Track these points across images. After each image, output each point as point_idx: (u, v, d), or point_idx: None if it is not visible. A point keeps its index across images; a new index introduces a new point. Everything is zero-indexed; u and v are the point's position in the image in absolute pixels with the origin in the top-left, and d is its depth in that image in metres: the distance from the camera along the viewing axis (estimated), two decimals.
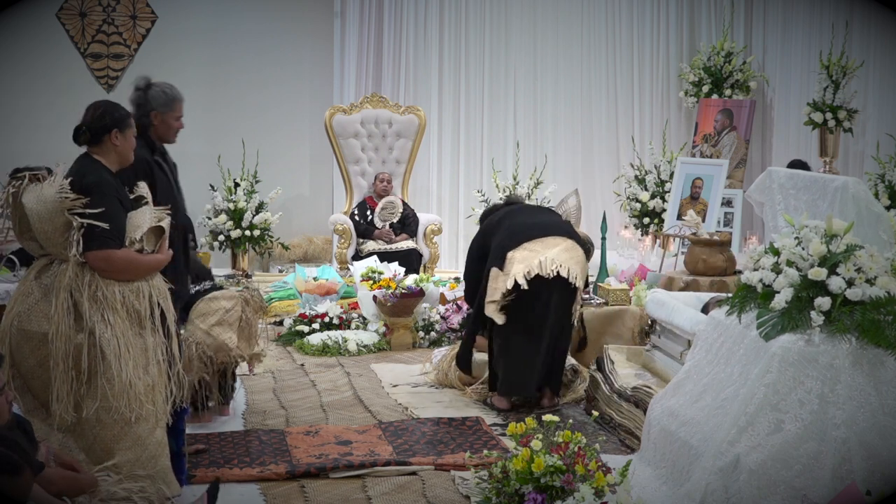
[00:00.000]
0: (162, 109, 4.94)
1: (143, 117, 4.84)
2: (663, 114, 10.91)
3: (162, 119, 4.94)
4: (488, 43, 10.88)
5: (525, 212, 6.36)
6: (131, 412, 4.06)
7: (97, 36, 10.64)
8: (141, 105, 4.87)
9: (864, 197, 4.66)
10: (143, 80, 4.95)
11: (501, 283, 5.82)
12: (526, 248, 5.89)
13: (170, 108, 4.97)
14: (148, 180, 4.65)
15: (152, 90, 4.91)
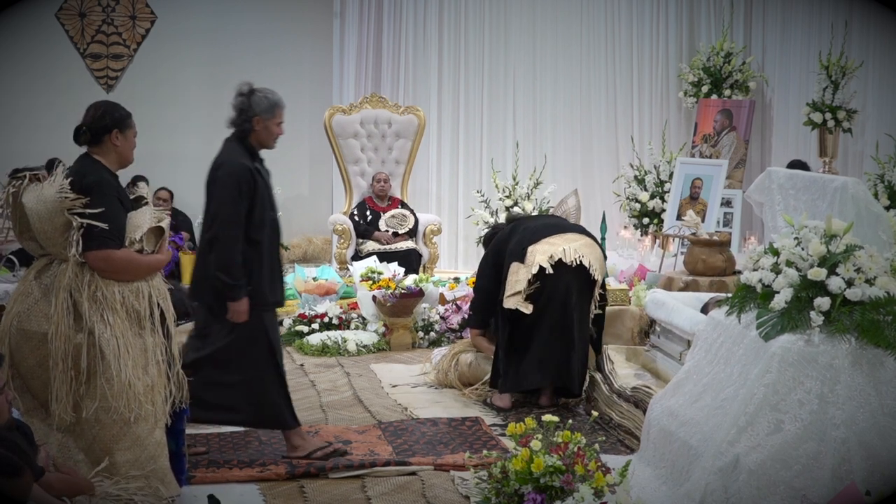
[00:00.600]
0: (265, 115, 4.94)
1: (244, 123, 4.90)
2: (663, 114, 10.91)
3: (264, 125, 4.96)
4: (487, 43, 10.88)
5: (537, 218, 6.43)
6: (130, 412, 4.06)
7: (97, 36, 10.64)
8: (244, 110, 4.90)
9: (864, 197, 4.66)
10: (247, 86, 4.96)
11: (524, 274, 5.83)
12: (547, 241, 5.94)
13: (272, 114, 4.97)
14: (250, 188, 4.76)
15: (255, 95, 4.91)
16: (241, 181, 4.80)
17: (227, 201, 4.75)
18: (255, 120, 4.91)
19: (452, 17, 10.83)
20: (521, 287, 5.81)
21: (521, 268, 5.87)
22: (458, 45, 10.86)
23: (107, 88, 10.62)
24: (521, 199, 9.84)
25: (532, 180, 10.03)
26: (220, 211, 4.76)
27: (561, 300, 5.86)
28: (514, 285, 5.87)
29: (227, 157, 4.87)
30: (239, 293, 4.79)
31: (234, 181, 4.77)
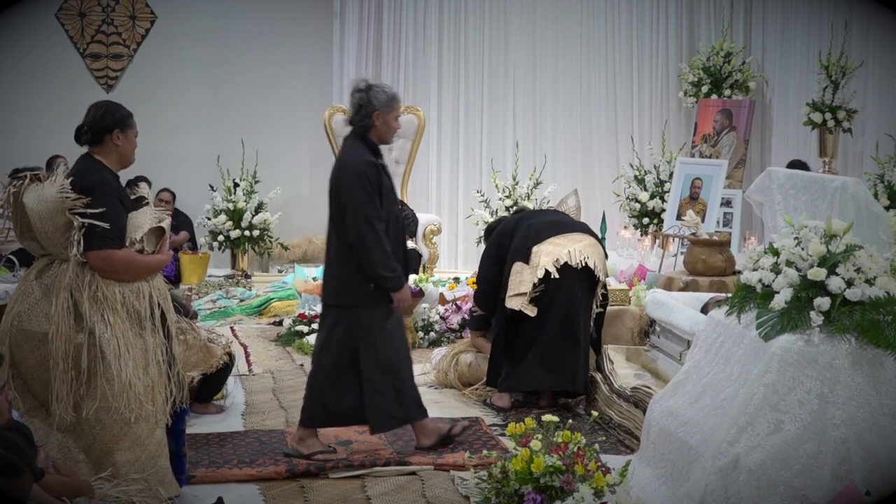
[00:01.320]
0: (384, 109, 4.94)
1: (365, 118, 4.91)
2: (663, 114, 10.91)
3: (384, 119, 4.95)
4: (487, 43, 10.88)
5: (541, 213, 6.42)
6: (131, 412, 4.06)
7: (96, 36, 10.65)
8: (363, 106, 4.91)
9: (864, 197, 4.66)
10: (364, 82, 4.98)
11: (528, 276, 5.81)
12: (551, 242, 5.92)
13: (391, 108, 4.96)
14: (376, 183, 4.80)
15: (373, 90, 4.93)
16: (368, 177, 4.83)
17: (364, 200, 4.82)
18: (375, 115, 4.92)
19: (452, 17, 10.84)
20: (526, 289, 5.80)
21: (526, 269, 5.86)
22: (458, 45, 10.86)
23: (107, 88, 10.62)
24: (521, 199, 9.84)
25: (532, 180, 10.03)
26: (358, 212, 4.82)
27: (566, 301, 5.86)
28: (517, 285, 5.86)
29: (349, 157, 4.92)
30: (401, 282, 4.94)
31: (363, 179, 4.82)
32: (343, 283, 4.95)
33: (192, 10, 10.83)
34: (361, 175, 4.82)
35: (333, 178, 4.94)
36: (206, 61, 10.89)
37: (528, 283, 5.81)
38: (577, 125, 10.97)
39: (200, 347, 5.57)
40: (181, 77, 10.83)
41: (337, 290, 4.99)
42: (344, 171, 4.89)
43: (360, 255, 4.84)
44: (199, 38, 10.83)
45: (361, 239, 4.82)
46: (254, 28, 10.92)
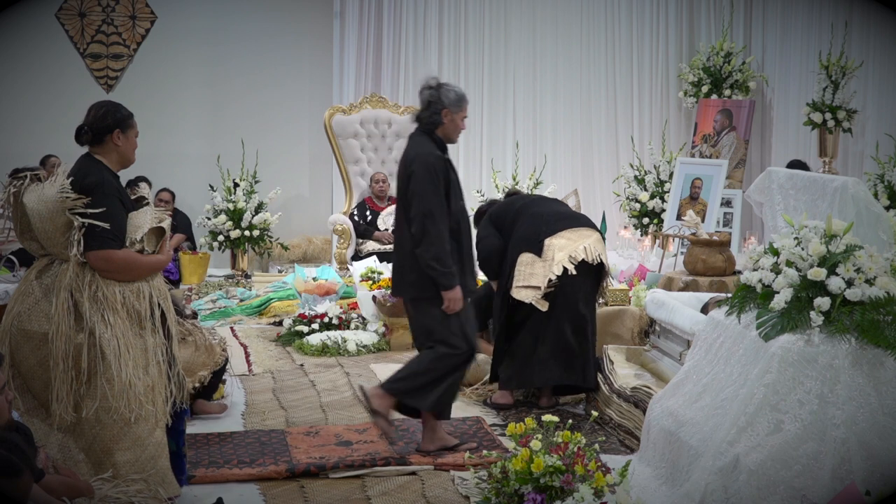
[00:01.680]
0: (453, 108, 5.04)
1: (434, 115, 5.01)
2: (663, 114, 10.92)
3: (452, 118, 5.05)
4: (487, 43, 10.89)
5: (542, 202, 6.30)
6: (131, 412, 4.06)
7: (96, 36, 10.65)
8: (433, 103, 5.01)
9: (864, 197, 4.66)
10: (434, 80, 5.07)
11: (541, 269, 5.74)
12: (563, 235, 5.86)
13: (459, 107, 5.06)
14: (445, 178, 4.89)
15: (444, 88, 5.03)
16: (437, 172, 4.93)
17: (431, 193, 4.89)
18: (444, 112, 5.01)
19: (452, 17, 10.84)
20: (539, 283, 5.72)
21: (538, 262, 5.79)
22: (458, 45, 10.86)
23: (107, 88, 10.62)
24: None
25: (532, 180, 10.03)
26: (424, 205, 4.88)
27: (575, 295, 5.82)
28: (528, 277, 5.78)
29: (419, 150, 5.00)
30: (453, 281, 4.92)
31: (432, 173, 4.91)
32: (401, 275, 5.05)
33: (192, 10, 10.83)
34: (431, 169, 4.92)
35: (402, 172, 5.02)
36: (206, 61, 10.89)
37: (541, 277, 5.74)
38: (577, 125, 10.98)
39: (206, 347, 5.61)
40: (181, 77, 10.83)
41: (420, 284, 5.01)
42: (413, 164, 4.96)
43: (417, 246, 4.92)
44: (199, 38, 10.84)
45: (422, 230, 4.89)
46: (254, 28, 10.92)
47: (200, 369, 5.58)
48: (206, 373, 5.61)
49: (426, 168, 4.92)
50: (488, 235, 6.02)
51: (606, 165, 10.97)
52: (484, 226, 6.13)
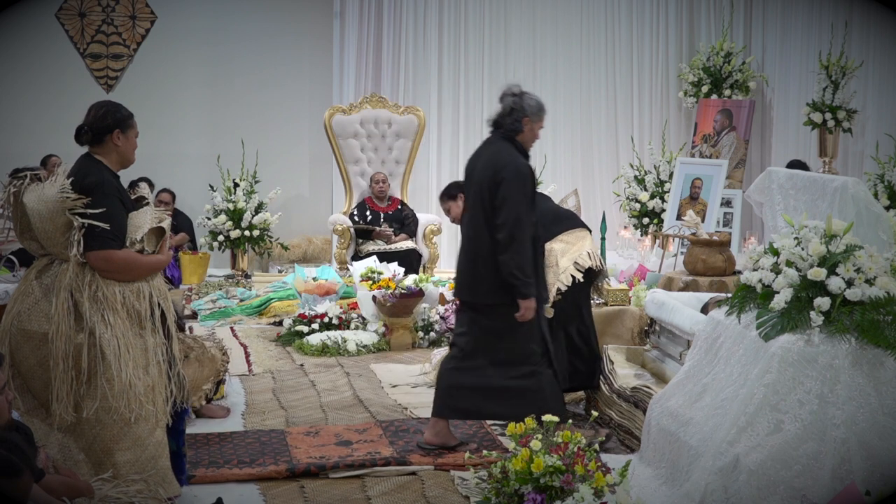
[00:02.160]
0: (534, 117, 5.09)
1: (515, 122, 5.06)
2: (663, 114, 10.92)
3: (531, 126, 5.11)
4: (487, 43, 10.89)
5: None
6: (131, 412, 4.06)
7: (96, 36, 10.65)
8: (515, 110, 5.05)
9: (864, 197, 4.66)
10: (517, 87, 5.10)
11: (549, 277, 5.57)
12: (561, 239, 5.76)
13: (539, 117, 5.12)
14: (531, 185, 4.95)
15: (525, 96, 5.06)
16: (528, 181, 4.99)
17: (521, 201, 4.91)
18: (525, 120, 5.06)
19: (452, 17, 10.84)
20: (552, 291, 5.58)
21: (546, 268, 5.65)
22: (458, 45, 10.86)
23: (107, 88, 10.62)
24: None
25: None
26: (515, 211, 4.88)
27: (578, 301, 5.74)
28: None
29: (510, 157, 4.99)
30: (532, 290, 4.92)
31: (523, 181, 4.94)
32: (477, 280, 5.01)
33: (192, 10, 10.83)
34: (522, 176, 4.95)
35: (490, 177, 4.95)
36: (206, 61, 10.89)
37: (550, 286, 5.57)
38: (577, 125, 10.98)
39: (209, 359, 5.61)
40: (181, 77, 10.83)
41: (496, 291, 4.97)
42: (505, 170, 4.94)
43: (502, 253, 4.89)
44: (199, 38, 10.84)
45: (510, 238, 4.87)
46: (254, 28, 10.92)
47: (205, 383, 5.60)
48: (210, 385, 5.64)
49: (518, 175, 4.93)
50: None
51: (606, 165, 10.97)
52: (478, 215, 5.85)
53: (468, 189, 5.11)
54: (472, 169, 5.10)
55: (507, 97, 5.06)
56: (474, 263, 5.00)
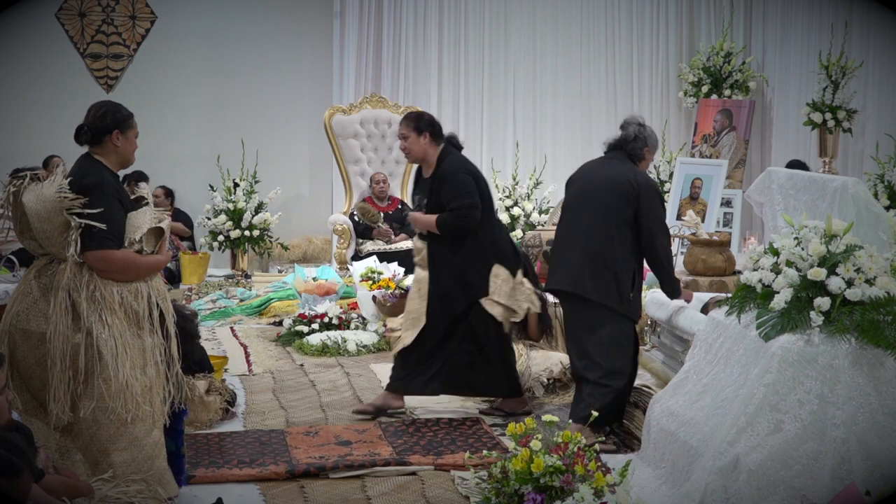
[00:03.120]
0: (652, 148, 5.49)
1: (638, 150, 5.43)
2: (663, 114, 10.92)
3: (649, 158, 5.50)
4: (487, 43, 10.89)
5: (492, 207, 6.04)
6: (127, 413, 4.06)
7: (96, 36, 10.65)
8: (639, 138, 5.42)
9: (864, 197, 4.66)
10: (641, 118, 5.52)
11: (513, 292, 5.70)
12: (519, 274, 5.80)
13: (655, 150, 5.55)
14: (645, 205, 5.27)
15: (649, 129, 5.48)
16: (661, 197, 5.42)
17: (663, 217, 5.36)
18: (646, 150, 5.44)
19: (452, 17, 10.84)
20: (516, 308, 5.67)
21: (511, 282, 5.69)
22: (458, 45, 10.86)
23: (107, 88, 10.62)
24: (521, 199, 9.84)
25: (532, 180, 10.03)
26: (663, 228, 5.32)
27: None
28: (504, 295, 5.68)
29: (643, 176, 5.37)
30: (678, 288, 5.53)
31: (660, 197, 5.37)
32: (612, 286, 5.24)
33: (192, 10, 10.83)
34: (659, 193, 5.37)
35: (625, 189, 5.25)
36: (206, 61, 10.89)
37: (514, 302, 5.68)
38: (577, 125, 10.98)
39: (196, 401, 5.43)
40: (181, 77, 10.83)
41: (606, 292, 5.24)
42: (642, 186, 5.28)
43: (663, 267, 5.35)
44: (199, 38, 10.84)
45: (667, 252, 5.33)
46: (254, 28, 10.92)
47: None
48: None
49: (656, 192, 5.34)
50: (478, 204, 5.69)
51: None
52: (470, 182, 5.71)
53: (582, 197, 5.40)
54: (590, 180, 5.42)
55: (631, 125, 5.42)
56: (593, 262, 5.24)
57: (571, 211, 5.45)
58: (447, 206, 5.60)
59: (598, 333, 5.26)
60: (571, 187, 5.53)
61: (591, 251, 5.26)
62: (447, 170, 5.68)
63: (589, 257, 5.26)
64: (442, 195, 5.63)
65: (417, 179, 5.99)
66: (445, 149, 5.79)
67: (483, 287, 5.66)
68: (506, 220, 9.73)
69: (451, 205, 5.59)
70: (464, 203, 5.59)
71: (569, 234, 5.41)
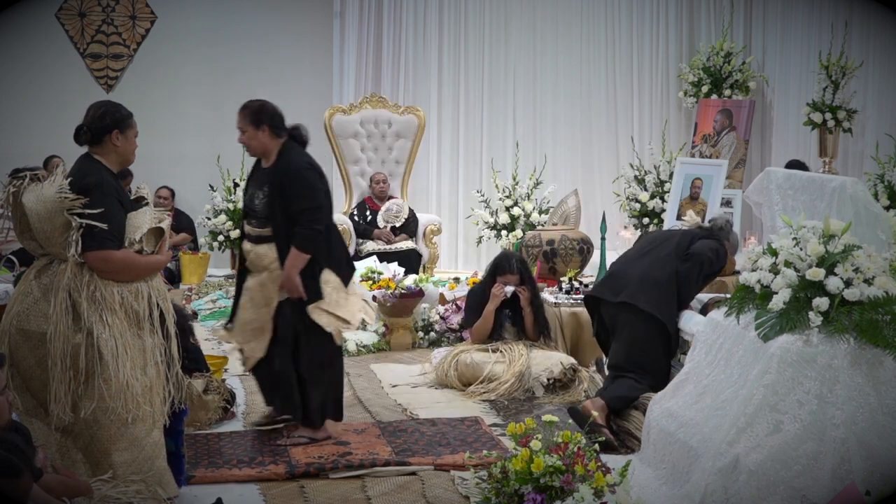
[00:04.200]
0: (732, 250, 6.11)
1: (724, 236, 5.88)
2: (663, 114, 10.91)
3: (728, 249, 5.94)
4: (488, 43, 10.88)
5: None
6: (128, 413, 4.06)
7: (96, 36, 10.65)
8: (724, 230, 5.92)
9: (862, 197, 4.67)
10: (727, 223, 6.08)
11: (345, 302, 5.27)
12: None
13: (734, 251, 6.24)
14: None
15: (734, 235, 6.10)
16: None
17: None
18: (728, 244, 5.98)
19: (452, 17, 10.84)
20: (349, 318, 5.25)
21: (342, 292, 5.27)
22: (458, 45, 10.86)
23: (107, 88, 10.62)
24: (521, 199, 9.84)
25: (532, 180, 10.02)
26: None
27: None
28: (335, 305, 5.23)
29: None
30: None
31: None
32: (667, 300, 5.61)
33: (192, 10, 10.83)
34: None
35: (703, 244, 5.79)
36: (206, 61, 10.89)
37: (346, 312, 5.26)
38: (577, 125, 10.97)
39: (195, 401, 5.38)
40: (181, 77, 10.83)
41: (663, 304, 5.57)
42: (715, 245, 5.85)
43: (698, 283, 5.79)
44: (199, 38, 10.83)
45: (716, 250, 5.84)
46: (254, 28, 10.92)
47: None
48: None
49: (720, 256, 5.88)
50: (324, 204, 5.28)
51: (606, 165, 10.96)
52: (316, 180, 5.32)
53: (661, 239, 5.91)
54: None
55: (720, 220, 5.98)
56: (651, 278, 5.57)
57: None
58: (291, 205, 5.13)
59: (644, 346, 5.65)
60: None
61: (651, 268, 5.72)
62: (291, 167, 5.25)
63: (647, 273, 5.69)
64: (286, 194, 5.16)
65: (254, 171, 5.54)
66: (287, 143, 5.39)
67: (313, 292, 5.15)
68: (506, 220, 9.73)
69: (296, 205, 5.11)
70: (310, 205, 5.13)
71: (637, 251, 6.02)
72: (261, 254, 5.25)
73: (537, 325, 6.55)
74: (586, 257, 7.90)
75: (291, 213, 5.14)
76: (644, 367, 5.50)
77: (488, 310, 6.53)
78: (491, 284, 6.59)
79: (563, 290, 7.19)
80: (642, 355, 5.52)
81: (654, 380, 5.42)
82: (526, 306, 6.53)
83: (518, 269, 6.57)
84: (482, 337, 6.58)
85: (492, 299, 6.53)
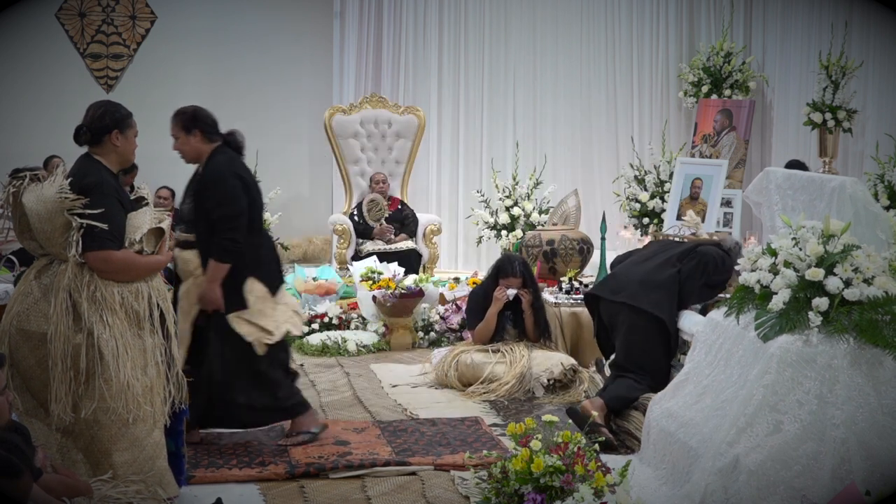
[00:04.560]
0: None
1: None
2: (663, 114, 10.90)
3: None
4: (488, 43, 10.88)
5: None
6: (128, 413, 4.06)
7: (96, 36, 10.65)
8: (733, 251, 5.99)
9: (862, 197, 4.66)
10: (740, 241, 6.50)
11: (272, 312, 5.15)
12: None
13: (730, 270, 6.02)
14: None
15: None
16: None
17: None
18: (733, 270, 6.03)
19: (453, 16, 10.83)
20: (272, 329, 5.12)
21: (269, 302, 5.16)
22: (459, 45, 10.85)
23: (107, 88, 10.62)
24: (521, 199, 9.83)
25: (532, 180, 10.02)
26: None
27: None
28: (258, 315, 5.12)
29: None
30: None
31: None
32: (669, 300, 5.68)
33: (192, 10, 10.82)
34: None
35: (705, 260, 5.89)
36: (206, 61, 10.88)
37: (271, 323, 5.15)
38: (577, 125, 10.96)
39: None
40: (181, 77, 10.83)
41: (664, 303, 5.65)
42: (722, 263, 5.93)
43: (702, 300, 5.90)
44: (199, 38, 10.83)
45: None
46: (254, 28, 10.92)
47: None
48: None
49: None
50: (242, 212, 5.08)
51: (606, 165, 10.95)
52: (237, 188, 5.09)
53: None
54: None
55: (730, 240, 6.17)
56: (652, 280, 5.66)
57: None
58: (211, 214, 4.98)
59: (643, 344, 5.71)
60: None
61: (650, 271, 5.82)
62: (214, 173, 5.06)
63: (648, 275, 5.79)
64: (205, 202, 5.02)
65: (192, 177, 5.31)
66: (219, 148, 5.16)
67: (235, 301, 5.04)
68: (506, 220, 9.73)
69: (215, 212, 4.97)
70: (228, 212, 4.96)
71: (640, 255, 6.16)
72: (186, 259, 5.11)
73: (538, 327, 6.56)
74: (586, 257, 7.91)
75: (212, 221, 5.02)
76: (644, 367, 5.52)
77: (491, 313, 6.53)
78: (493, 287, 6.59)
79: (563, 290, 7.19)
80: (642, 355, 5.54)
81: (654, 380, 5.42)
82: (527, 309, 6.54)
83: (521, 271, 6.57)
84: (484, 339, 6.58)
85: (494, 303, 6.53)
